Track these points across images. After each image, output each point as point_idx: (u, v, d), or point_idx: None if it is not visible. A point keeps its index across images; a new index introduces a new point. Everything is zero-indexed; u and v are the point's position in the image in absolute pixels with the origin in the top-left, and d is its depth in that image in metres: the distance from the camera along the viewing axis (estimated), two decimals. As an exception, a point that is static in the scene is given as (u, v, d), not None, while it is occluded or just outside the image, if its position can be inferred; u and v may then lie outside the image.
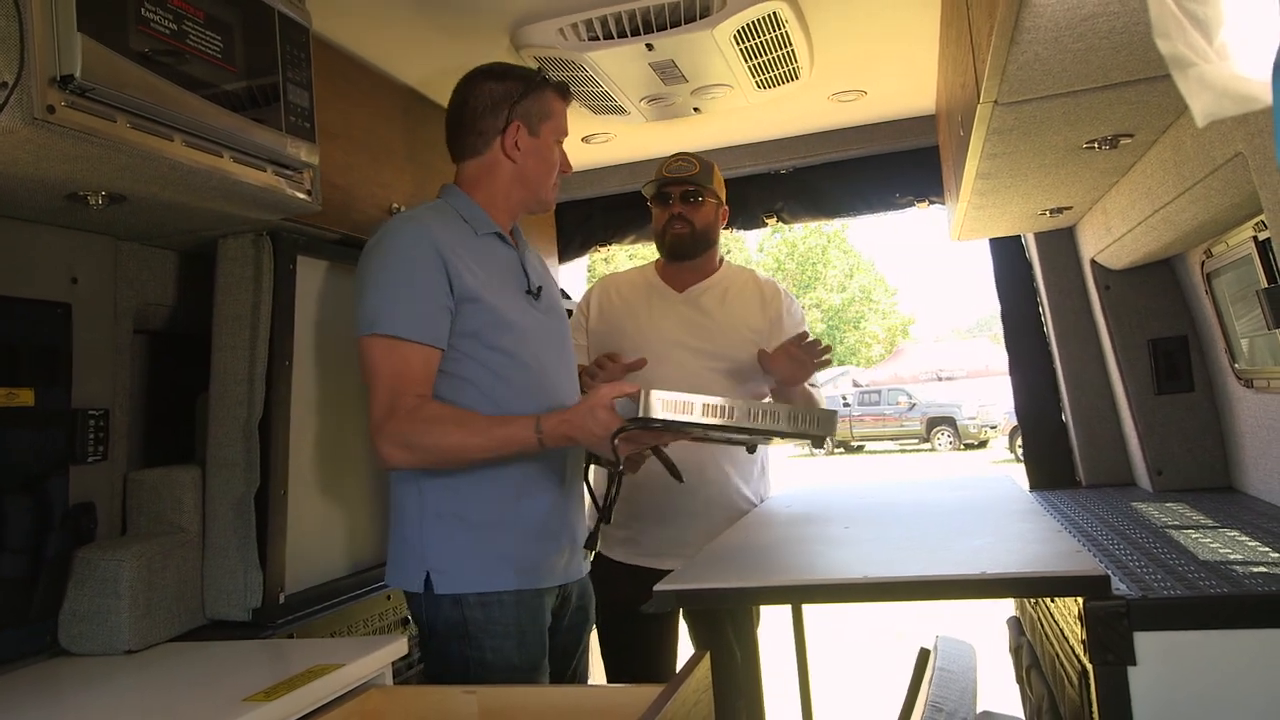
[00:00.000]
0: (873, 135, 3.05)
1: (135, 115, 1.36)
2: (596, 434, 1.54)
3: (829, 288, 30.99)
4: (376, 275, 1.62)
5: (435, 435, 1.57)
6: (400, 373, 1.59)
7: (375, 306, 1.61)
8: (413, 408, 1.57)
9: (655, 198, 2.43)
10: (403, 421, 1.56)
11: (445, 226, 1.68)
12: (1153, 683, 1.33)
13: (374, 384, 1.59)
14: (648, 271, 2.52)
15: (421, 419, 1.57)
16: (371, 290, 1.62)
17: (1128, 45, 1.26)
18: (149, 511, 1.83)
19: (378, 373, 1.59)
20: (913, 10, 2.20)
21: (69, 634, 1.69)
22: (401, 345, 1.59)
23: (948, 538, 1.75)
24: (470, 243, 1.70)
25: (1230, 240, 1.98)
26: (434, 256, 1.62)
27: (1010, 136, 1.66)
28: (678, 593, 1.47)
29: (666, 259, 2.47)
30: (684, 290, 2.44)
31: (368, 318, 1.61)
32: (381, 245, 1.65)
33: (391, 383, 1.58)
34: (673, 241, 2.40)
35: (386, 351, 1.59)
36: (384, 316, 1.60)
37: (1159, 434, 2.50)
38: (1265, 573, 1.46)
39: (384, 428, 1.57)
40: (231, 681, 1.48)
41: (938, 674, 1.91)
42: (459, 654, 1.64)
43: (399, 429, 1.56)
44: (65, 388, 1.72)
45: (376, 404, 1.58)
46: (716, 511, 2.27)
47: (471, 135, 1.77)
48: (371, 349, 1.60)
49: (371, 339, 1.60)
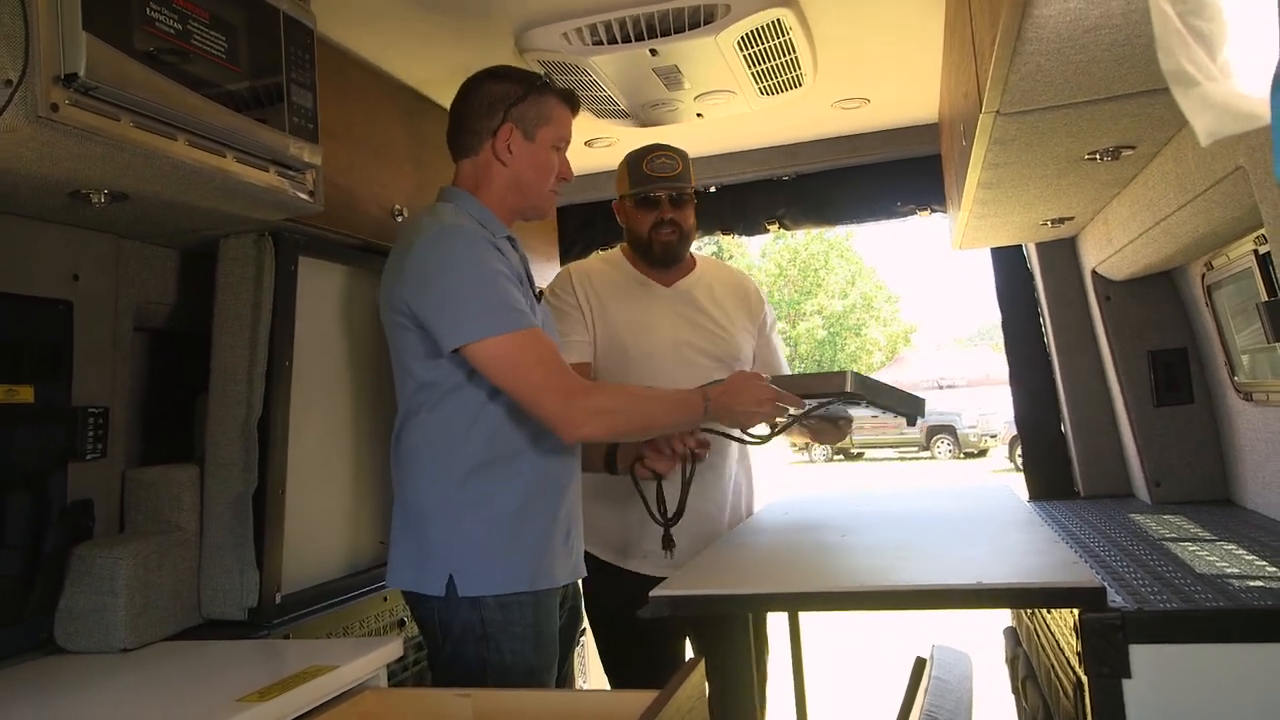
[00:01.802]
0: (875, 143, 3.05)
1: (139, 114, 1.36)
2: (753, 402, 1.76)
3: (831, 294, 30.98)
4: (463, 281, 1.59)
5: (630, 411, 1.68)
6: (541, 359, 1.59)
7: (481, 310, 1.58)
8: (592, 386, 1.69)
9: (640, 199, 2.25)
10: (595, 395, 1.65)
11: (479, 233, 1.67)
12: (1147, 695, 1.33)
13: (524, 379, 1.58)
14: (619, 263, 2.34)
15: (613, 393, 1.75)
16: (466, 297, 1.58)
17: (1130, 58, 1.27)
18: (147, 510, 1.83)
19: (520, 367, 1.58)
20: (916, 19, 2.21)
21: (65, 631, 1.68)
22: (522, 336, 1.59)
23: (945, 547, 1.75)
24: (494, 244, 1.68)
25: (1231, 253, 1.98)
26: (500, 257, 1.64)
27: (1012, 146, 1.66)
28: (672, 599, 1.47)
29: (651, 265, 2.30)
30: (671, 286, 2.32)
31: (479, 324, 1.57)
32: (455, 253, 1.60)
33: (542, 371, 1.59)
34: (663, 249, 2.25)
35: (517, 345, 1.58)
36: (497, 318, 1.58)
37: (1158, 446, 2.50)
38: (1261, 587, 1.46)
39: (576, 401, 1.59)
40: (226, 681, 1.48)
41: (933, 684, 1.90)
42: (476, 657, 1.62)
43: (595, 402, 1.63)
44: (65, 385, 1.72)
45: (544, 392, 1.58)
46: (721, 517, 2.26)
47: (467, 134, 1.76)
48: (501, 349, 1.57)
49: (494, 341, 1.57)
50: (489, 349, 1.58)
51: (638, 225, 2.27)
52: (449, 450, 1.65)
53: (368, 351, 2.23)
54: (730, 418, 1.79)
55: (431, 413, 1.66)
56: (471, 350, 1.58)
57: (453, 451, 1.65)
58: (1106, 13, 1.12)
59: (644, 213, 2.26)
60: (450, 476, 1.65)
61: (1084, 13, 1.12)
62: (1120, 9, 1.11)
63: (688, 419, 1.76)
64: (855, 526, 2.03)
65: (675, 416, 1.75)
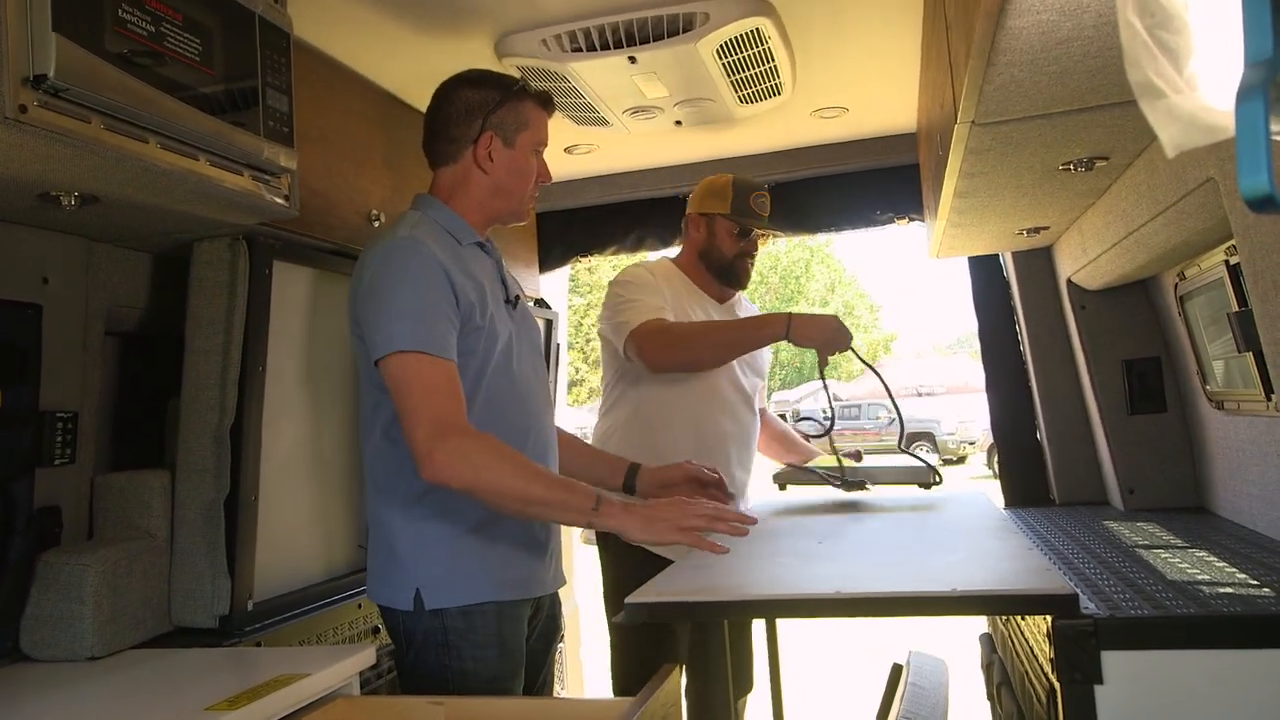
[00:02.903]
0: (854, 152, 3.07)
1: (110, 116, 1.34)
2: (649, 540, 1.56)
3: (812, 302, 31.11)
4: (392, 295, 1.57)
5: (500, 471, 1.51)
6: (436, 387, 1.53)
7: (398, 325, 1.55)
8: (473, 431, 1.53)
9: (739, 228, 2.42)
10: (468, 440, 1.51)
11: (438, 243, 1.65)
12: (1119, 702, 1.33)
13: (410, 399, 1.52)
14: (678, 276, 2.48)
15: (490, 448, 1.52)
16: (390, 310, 1.56)
17: (1103, 69, 1.28)
18: (116, 516, 1.81)
19: (412, 388, 1.53)
20: (895, 29, 2.22)
21: (31, 639, 1.66)
22: (430, 360, 1.54)
23: (921, 553, 1.75)
24: (457, 254, 1.68)
25: (1203, 264, 2.00)
26: (442, 276, 1.59)
27: (988, 156, 1.67)
28: (649, 606, 1.47)
29: (723, 283, 2.48)
30: (724, 303, 2.51)
31: (392, 337, 1.55)
32: (392, 266, 1.59)
33: (430, 397, 1.52)
34: (742, 273, 2.47)
35: (418, 367, 1.54)
36: (410, 334, 1.54)
37: (1131, 454, 2.52)
38: (1231, 594, 1.48)
39: (444, 441, 1.49)
40: (195, 690, 1.46)
41: (910, 689, 1.90)
42: (438, 664, 1.62)
43: (464, 446, 1.50)
44: (33, 389, 1.70)
45: (419, 418, 1.51)
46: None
47: (444, 143, 1.75)
48: (401, 366, 1.54)
49: (400, 356, 1.54)
50: (389, 364, 1.55)
51: (727, 248, 2.44)
52: (408, 465, 1.59)
53: (343, 357, 2.21)
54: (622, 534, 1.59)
55: (387, 429, 1.65)
56: (381, 364, 1.56)
57: (410, 467, 1.59)
58: (1079, 25, 1.13)
59: (734, 240, 2.44)
60: (411, 490, 1.64)
61: (1056, 25, 1.13)
62: (1092, 22, 1.12)
63: (571, 516, 1.57)
64: (832, 533, 2.03)
65: (554, 510, 1.57)
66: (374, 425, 1.68)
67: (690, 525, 1.55)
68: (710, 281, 2.48)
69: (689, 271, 2.48)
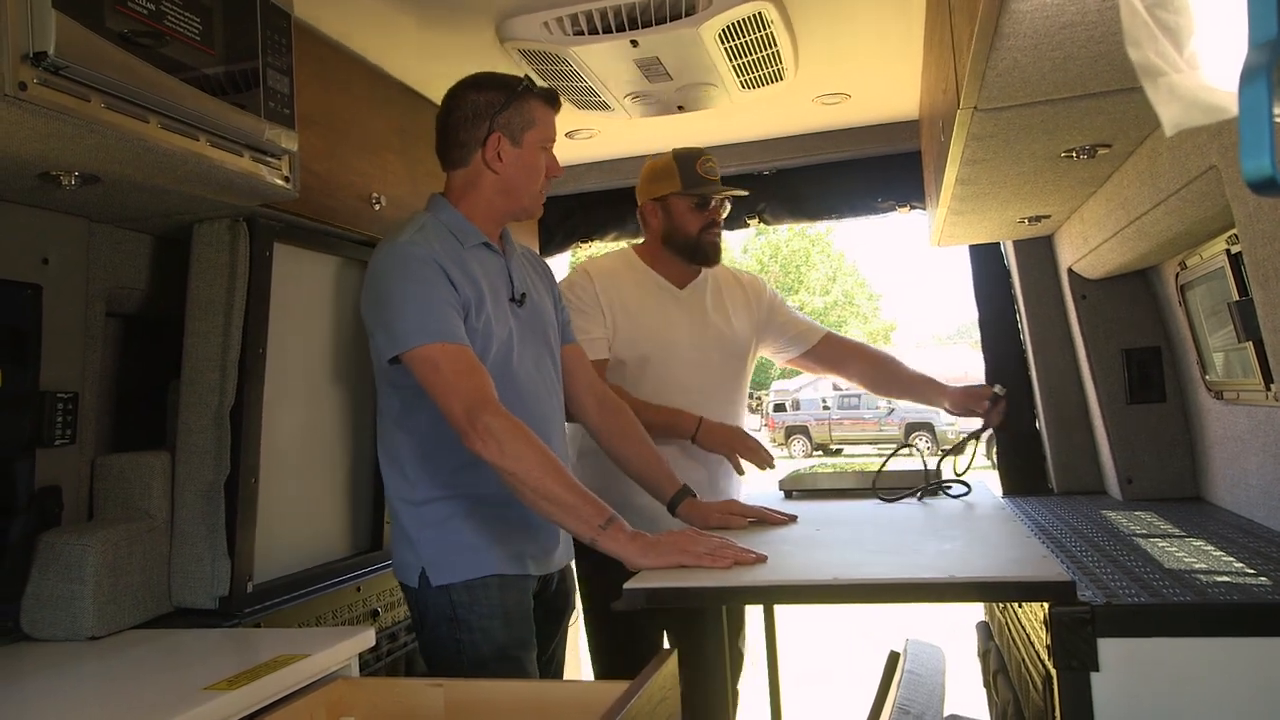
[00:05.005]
0: (856, 139, 3.06)
1: (110, 95, 1.34)
2: (648, 564, 1.54)
3: (812, 291, 31.09)
4: (401, 296, 1.64)
5: (522, 456, 1.56)
6: (461, 369, 1.60)
7: (413, 322, 1.62)
8: (503, 411, 1.58)
9: (697, 200, 2.31)
10: (497, 419, 1.56)
11: (440, 244, 1.70)
12: (1115, 689, 1.34)
13: (439, 386, 1.59)
14: (633, 262, 2.40)
15: (517, 433, 1.57)
16: (404, 309, 1.63)
17: (1106, 55, 1.27)
18: (116, 497, 1.81)
19: (441, 374, 1.59)
20: (897, 15, 2.21)
21: (31, 619, 1.67)
22: (448, 347, 1.61)
23: (918, 541, 1.75)
24: (459, 255, 1.72)
25: (1204, 253, 2.00)
26: (441, 274, 1.66)
27: (990, 143, 1.67)
28: (647, 591, 1.47)
29: (695, 262, 2.36)
30: (684, 287, 2.39)
31: (409, 333, 1.62)
32: (397, 270, 1.66)
33: (458, 380, 1.59)
34: (713, 249, 2.34)
35: (441, 356, 1.60)
36: (425, 328, 1.61)
37: (1130, 443, 2.52)
38: (1228, 582, 1.48)
39: (478, 417, 1.55)
40: (194, 670, 1.47)
41: (907, 676, 1.91)
42: (450, 637, 1.70)
43: (493, 425, 1.55)
44: (34, 370, 1.70)
45: (453, 400, 1.58)
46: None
47: (455, 147, 1.79)
48: (424, 360, 1.60)
49: (421, 350, 1.60)
50: (413, 360, 1.61)
51: (688, 225, 2.32)
52: (418, 451, 1.73)
53: (344, 339, 2.21)
54: (620, 558, 1.57)
55: (398, 418, 1.75)
56: (405, 360, 1.63)
57: (419, 451, 1.73)
58: (1082, 9, 1.13)
59: (698, 214, 2.32)
60: (415, 474, 1.73)
61: (1061, 8, 1.13)
62: (1095, 5, 1.12)
63: (577, 525, 1.58)
64: (830, 520, 2.03)
65: (563, 512, 1.58)
66: (386, 415, 1.77)
67: (693, 551, 1.55)
68: (675, 266, 2.37)
69: (651, 259, 2.39)
